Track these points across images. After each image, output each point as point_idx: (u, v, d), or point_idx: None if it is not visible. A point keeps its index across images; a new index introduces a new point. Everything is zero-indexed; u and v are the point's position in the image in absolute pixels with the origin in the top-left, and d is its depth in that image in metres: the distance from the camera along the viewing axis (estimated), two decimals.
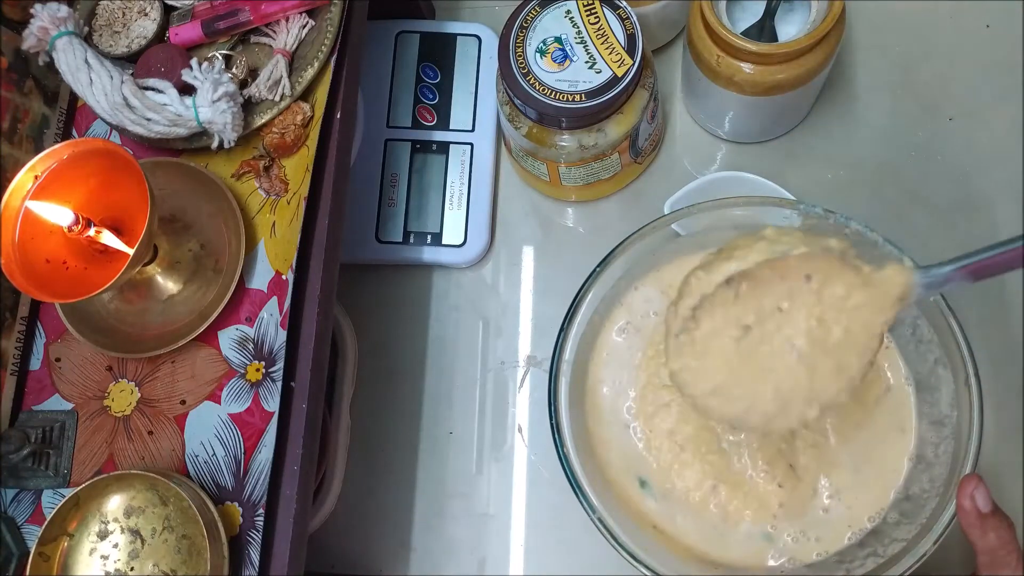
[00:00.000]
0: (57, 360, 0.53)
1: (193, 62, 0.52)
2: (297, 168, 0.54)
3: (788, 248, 0.44)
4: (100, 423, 0.52)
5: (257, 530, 0.48)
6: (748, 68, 0.59)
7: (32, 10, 0.51)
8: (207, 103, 0.51)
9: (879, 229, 0.51)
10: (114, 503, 0.48)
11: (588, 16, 0.59)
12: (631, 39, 0.58)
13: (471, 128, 0.71)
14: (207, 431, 0.51)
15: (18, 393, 0.53)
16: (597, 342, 0.57)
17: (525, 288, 0.70)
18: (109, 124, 0.55)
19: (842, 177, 0.68)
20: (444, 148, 0.71)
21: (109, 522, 0.48)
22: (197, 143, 0.54)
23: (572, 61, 0.58)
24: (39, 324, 0.54)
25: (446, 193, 0.70)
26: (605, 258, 0.54)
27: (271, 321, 0.51)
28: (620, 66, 0.57)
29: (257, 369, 0.51)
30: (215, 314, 0.51)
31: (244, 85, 0.54)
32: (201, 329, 0.51)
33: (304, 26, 0.54)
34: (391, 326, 0.70)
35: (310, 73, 0.54)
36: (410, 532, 0.65)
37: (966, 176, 0.67)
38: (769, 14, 0.60)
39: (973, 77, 0.69)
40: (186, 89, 0.52)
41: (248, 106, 0.54)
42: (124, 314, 0.53)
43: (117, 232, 0.48)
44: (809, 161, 0.69)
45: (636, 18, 0.58)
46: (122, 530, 0.48)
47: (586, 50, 0.58)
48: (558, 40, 0.58)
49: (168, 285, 0.53)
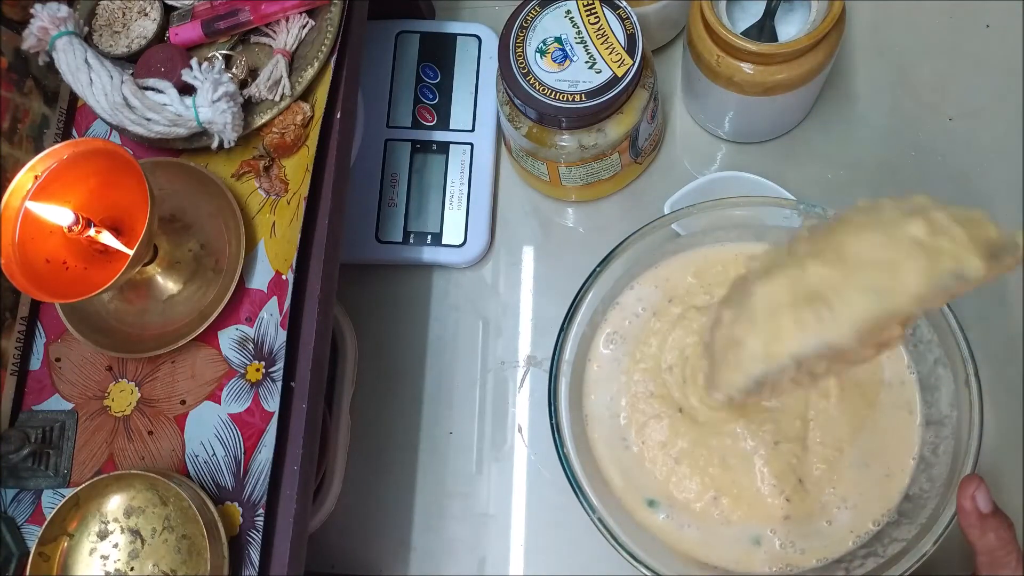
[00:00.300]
0: (57, 360, 0.53)
1: (193, 62, 0.52)
2: (297, 168, 0.54)
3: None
4: (100, 423, 0.52)
5: (257, 530, 0.48)
6: (748, 68, 0.59)
7: (32, 10, 0.51)
8: (207, 103, 0.51)
9: None
10: (114, 503, 0.48)
11: (588, 16, 0.59)
12: (631, 39, 0.58)
13: (471, 128, 0.71)
14: (207, 431, 0.51)
15: (18, 393, 0.53)
16: (591, 346, 0.57)
17: (525, 288, 0.70)
18: (109, 124, 0.55)
19: (842, 177, 0.68)
20: (444, 148, 0.71)
21: (109, 522, 0.48)
22: (197, 143, 0.54)
23: (572, 61, 0.58)
24: (39, 324, 0.54)
25: (446, 193, 0.70)
26: (605, 258, 0.55)
27: (271, 321, 0.51)
28: (620, 66, 0.57)
29: (257, 369, 0.51)
30: (215, 314, 0.51)
31: (244, 85, 0.54)
32: (201, 329, 0.51)
33: (304, 26, 0.54)
34: (391, 326, 0.70)
35: (310, 73, 0.54)
36: (410, 532, 0.65)
37: (966, 176, 0.67)
38: (769, 14, 0.60)
39: (973, 77, 0.69)
40: (186, 89, 0.52)
41: (248, 106, 0.54)
42: (124, 314, 0.53)
43: (117, 232, 0.48)
44: (809, 161, 0.69)
45: (636, 18, 0.58)
46: (122, 530, 0.47)
47: (586, 50, 0.58)
48: (558, 40, 0.58)
49: (168, 285, 0.53)
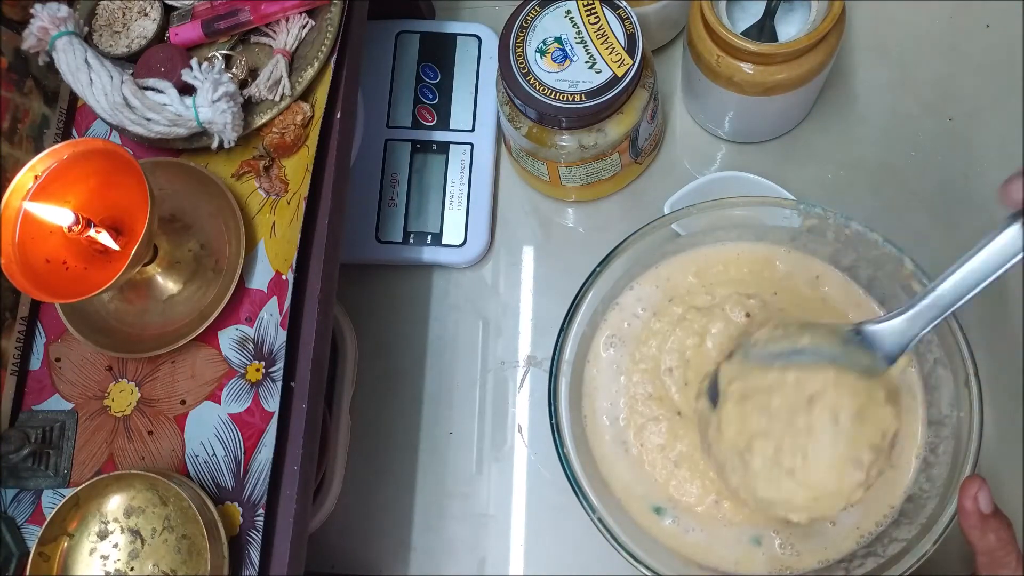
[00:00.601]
0: (57, 360, 0.53)
1: (193, 62, 0.52)
2: (297, 168, 0.54)
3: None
4: (100, 423, 0.52)
5: (257, 530, 0.48)
6: (748, 68, 0.59)
7: (32, 10, 0.51)
8: (207, 103, 0.51)
9: (879, 229, 0.51)
10: (114, 503, 0.48)
11: (588, 16, 0.58)
12: (631, 39, 0.58)
13: (471, 128, 0.71)
14: (207, 431, 0.51)
15: (18, 393, 0.53)
16: (591, 347, 0.57)
17: (525, 288, 0.70)
18: (109, 124, 0.55)
19: (842, 177, 0.68)
20: (444, 148, 0.71)
21: (109, 522, 0.48)
22: (197, 143, 0.54)
23: (572, 61, 0.58)
24: (39, 324, 0.54)
25: (446, 193, 0.70)
26: (605, 258, 0.54)
27: (271, 321, 0.51)
28: (620, 66, 0.57)
29: (257, 369, 0.51)
30: (215, 314, 0.51)
31: (244, 85, 0.54)
32: (201, 329, 0.51)
33: (304, 26, 0.54)
34: (391, 326, 0.70)
35: (310, 73, 0.54)
36: (410, 532, 0.65)
37: (966, 176, 0.67)
38: (769, 14, 0.60)
39: (973, 77, 0.69)
40: (186, 89, 0.52)
41: (248, 106, 0.54)
42: (124, 314, 0.53)
43: (117, 232, 0.48)
44: (809, 161, 0.69)
45: (636, 18, 0.58)
46: (122, 530, 0.47)
47: (586, 50, 0.58)
48: (558, 40, 0.58)
49: (168, 285, 0.53)
